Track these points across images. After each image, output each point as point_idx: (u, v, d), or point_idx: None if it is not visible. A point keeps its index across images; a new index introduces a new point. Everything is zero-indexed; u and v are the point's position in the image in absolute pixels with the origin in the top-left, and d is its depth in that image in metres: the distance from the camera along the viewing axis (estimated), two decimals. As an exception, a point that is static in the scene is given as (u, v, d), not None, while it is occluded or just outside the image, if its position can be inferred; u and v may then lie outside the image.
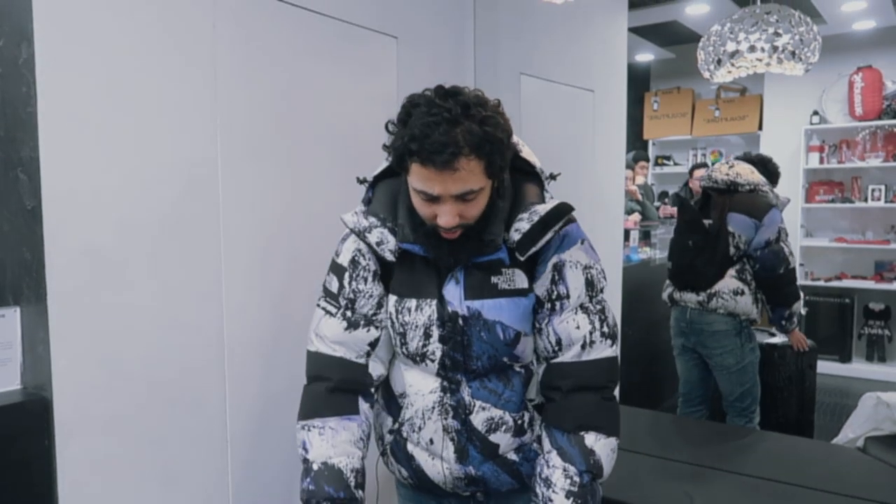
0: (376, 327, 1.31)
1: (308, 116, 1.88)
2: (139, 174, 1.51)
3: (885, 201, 5.13)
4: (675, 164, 6.42)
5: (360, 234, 1.27)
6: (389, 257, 1.27)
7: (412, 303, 1.28)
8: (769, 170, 3.18)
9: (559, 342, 1.26)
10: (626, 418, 1.38)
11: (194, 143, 1.62)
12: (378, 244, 1.26)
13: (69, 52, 1.38)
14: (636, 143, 6.23)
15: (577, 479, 1.21)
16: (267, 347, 1.86)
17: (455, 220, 1.16)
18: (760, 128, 5.71)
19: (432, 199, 1.16)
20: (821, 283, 5.31)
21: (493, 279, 1.24)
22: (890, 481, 2.08)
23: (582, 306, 1.26)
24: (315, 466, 1.24)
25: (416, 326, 1.27)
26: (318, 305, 1.35)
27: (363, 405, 1.31)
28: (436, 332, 1.26)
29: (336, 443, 1.25)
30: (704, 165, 5.19)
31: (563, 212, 1.23)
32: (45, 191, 1.35)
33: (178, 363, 1.63)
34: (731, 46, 2.99)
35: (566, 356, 1.26)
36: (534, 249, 1.23)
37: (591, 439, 1.23)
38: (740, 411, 3.04)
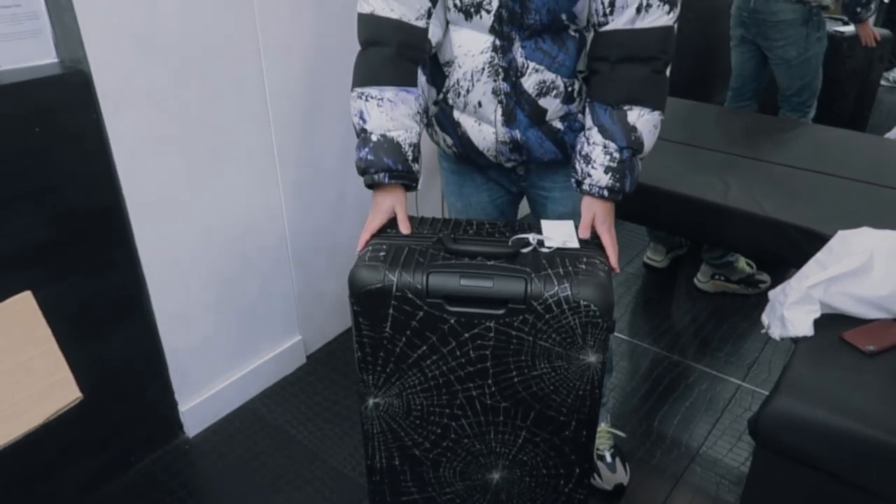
0: None
1: None
2: None
3: None
4: None
5: None
6: None
7: None
8: None
9: (612, 3, 1.15)
10: (669, 108, 1.31)
11: None
12: None
13: None
14: None
15: (616, 154, 1.21)
16: (303, 28, 1.77)
17: None
18: None
19: None
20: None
21: None
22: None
23: None
24: (374, 138, 1.23)
25: None
26: None
27: (420, 77, 1.26)
28: None
29: (394, 116, 1.23)
30: None
31: None
32: None
33: (210, 39, 1.58)
34: None
35: (619, 22, 1.16)
36: None
37: (633, 115, 1.20)
38: (796, 105, 2.94)
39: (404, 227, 1.25)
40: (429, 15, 1.22)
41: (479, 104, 1.29)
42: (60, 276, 1.49)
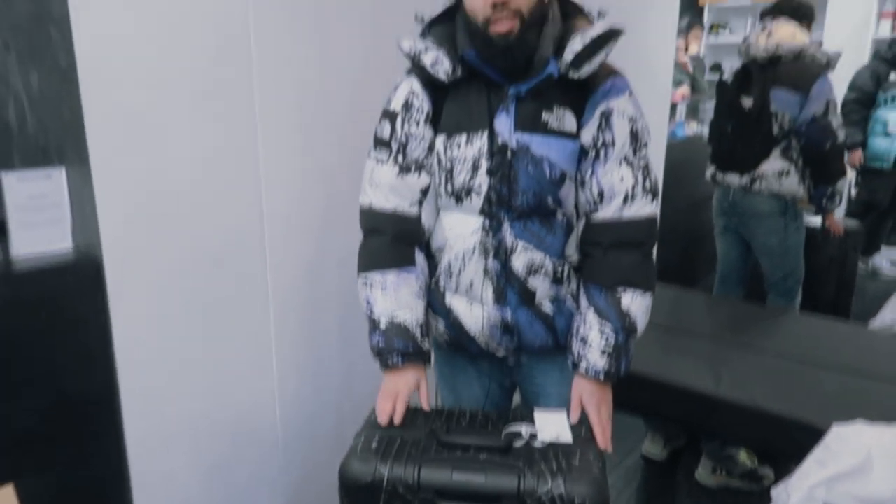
0: (427, 173, 1.34)
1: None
2: (169, 31, 1.45)
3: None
4: (731, 32, 6.02)
5: (416, 58, 1.29)
6: (442, 77, 1.29)
7: (462, 138, 1.30)
8: (802, 13, 2.86)
9: (601, 195, 1.27)
10: (658, 295, 1.38)
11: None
12: (433, 65, 1.28)
13: None
14: (690, 9, 5.83)
15: (612, 336, 1.27)
16: (309, 218, 1.85)
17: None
18: (827, -8, 5.27)
19: None
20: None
21: (545, 116, 1.26)
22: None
23: (626, 159, 1.27)
24: (383, 324, 1.31)
25: (465, 160, 1.30)
26: (369, 157, 1.38)
27: (418, 256, 1.37)
28: (484, 165, 1.28)
29: (399, 297, 1.31)
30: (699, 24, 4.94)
31: (616, 32, 1.25)
32: (77, 48, 1.32)
33: (218, 229, 1.65)
34: None
35: (607, 211, 1.28)
36: (589, 69, 1.24)
37: (626, 300, 1.27)
38: (783, 291, 3.02)
39: (424, 401, 1.31)
40: (420, 203, 1.35)
41: (471, 284, 1.35)
42: (45, 466, 1.43)
